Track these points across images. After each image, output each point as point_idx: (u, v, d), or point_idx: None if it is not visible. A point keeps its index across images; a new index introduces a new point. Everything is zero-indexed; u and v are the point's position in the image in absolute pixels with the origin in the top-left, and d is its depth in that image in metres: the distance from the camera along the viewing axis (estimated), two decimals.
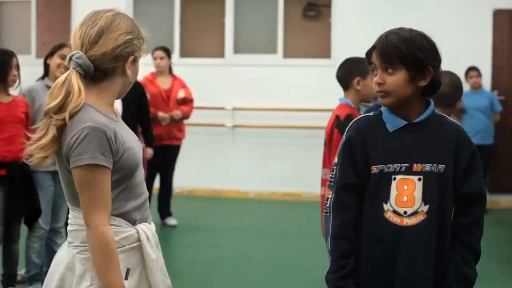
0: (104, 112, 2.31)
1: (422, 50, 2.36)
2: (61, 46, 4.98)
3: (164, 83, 7.55)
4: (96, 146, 2.20)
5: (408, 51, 2.35)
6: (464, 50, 8.69)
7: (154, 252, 2.35)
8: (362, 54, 4.58)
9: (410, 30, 2.41)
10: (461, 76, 8.62)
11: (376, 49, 2.41)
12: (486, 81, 9.12)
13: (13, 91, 4.79)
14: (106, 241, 2.22)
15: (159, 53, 7.56)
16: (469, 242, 2.43)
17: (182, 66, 9.59)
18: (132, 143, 2.36)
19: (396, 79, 2.37)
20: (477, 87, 8.83)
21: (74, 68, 2.26)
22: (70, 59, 2.28)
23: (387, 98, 2.40)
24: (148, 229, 2.36)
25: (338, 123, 3.88)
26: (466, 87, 8.81)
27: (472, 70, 8.81)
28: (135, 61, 2.36)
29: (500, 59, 9.28)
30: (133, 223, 2.34)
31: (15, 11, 10.57)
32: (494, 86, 9.24)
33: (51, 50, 5.00)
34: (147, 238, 2.34)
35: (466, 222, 2.43)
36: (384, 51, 2.38)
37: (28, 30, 10.33)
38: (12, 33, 10.51)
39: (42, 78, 5.03)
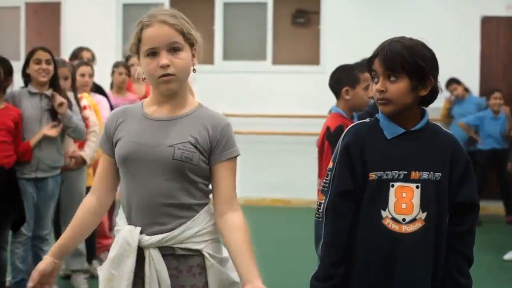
0: (145, 105, 2.44)
1: (425, 59, 2.37)
2: (32, 52, 4.88)
3: (139, 90, 7.49)
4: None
5: (412, 59, 2.35)
6: (452, 57, 8.71)
7: (125, 259, 2.34)
8: (351, 60, 4.63)
9: (412, 39, 2.41)
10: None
11: (378, 56, 2.40)
12: (474, 88, 9.17)
13: None
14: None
15: (135, 60, 7.45)
16: (464, 251, 2.46)
17: None
18: (132, 137, 2.36)
19: (398, 87, 2.37)
20: (462, 96, 8.87)
21: None
22: None
23: (388, 106, 2.40)
24: (129, 233, 2.34)
25: (329, 135, 3.85)
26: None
27: (451, 83, 8.84)
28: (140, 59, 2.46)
29: (488, 66, 9.34)
30: (126, 218, 2.38)
31: (4, 17, 10.54)
32: (482, 92, 9.29)
33: (26, 59, 4.90)
34: (127, 242, 2.32)
35: (460, 230, 2.45)
36: (388, 58, 2.37)
37: (17, 36, 10.30)
38: (1, 39, 10.47)
39: (26, 85, 4.97)
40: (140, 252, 2.33)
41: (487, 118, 8.52)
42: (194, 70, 2.41)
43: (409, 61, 2.35)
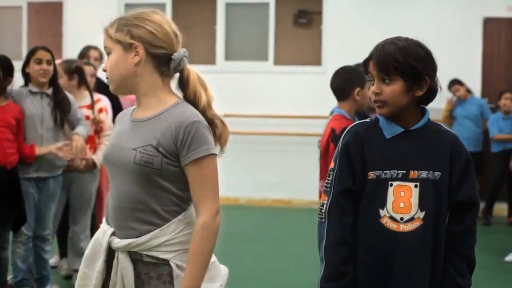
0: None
1: (419, 60, 2.36)
2: (33, 51, 4.85)
3: None
4: None
5: (405, 60, 2.34)
6: (454, 58, 8.72)
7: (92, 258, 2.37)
8: (352, 61, 4.62)
9: (407, 39, 2.40)
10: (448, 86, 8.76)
11: (372, 58, 2.41)
12: (476, 89, 9.17)
13: None
14: None
15: None
16: (463, 250, 2.44)
17: None
18: (113, 139, 2.39)
19: (393, 89, 2.37)
20: (465, 97, 8.86)
21: None
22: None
23: (384, 109, 2.41)
24: (102, 233, 2.35)
25: (334, 137, 3.79)
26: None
27: (454, 84, 8.83)
28: None
29: (490, 67, 9.33)
30: (105, 218, 2.40)
31: (6, 16, 10.54)
32: (484, 93, 9.29)
33: (26, 58, 4.88)
34: (100, 243, 2.35)
35: (459, 229, 2.44)
36: (381, 60, 2.37)
37: (19, 36, 10.31)
38: (3, 38, 10.48)
39: (26, 85, 4.96)
40: (113, 254, 2.32)
41: (499, 120, 8.50)
42: (135, 69, 2.31)
43: (402, 62, 2.34)
